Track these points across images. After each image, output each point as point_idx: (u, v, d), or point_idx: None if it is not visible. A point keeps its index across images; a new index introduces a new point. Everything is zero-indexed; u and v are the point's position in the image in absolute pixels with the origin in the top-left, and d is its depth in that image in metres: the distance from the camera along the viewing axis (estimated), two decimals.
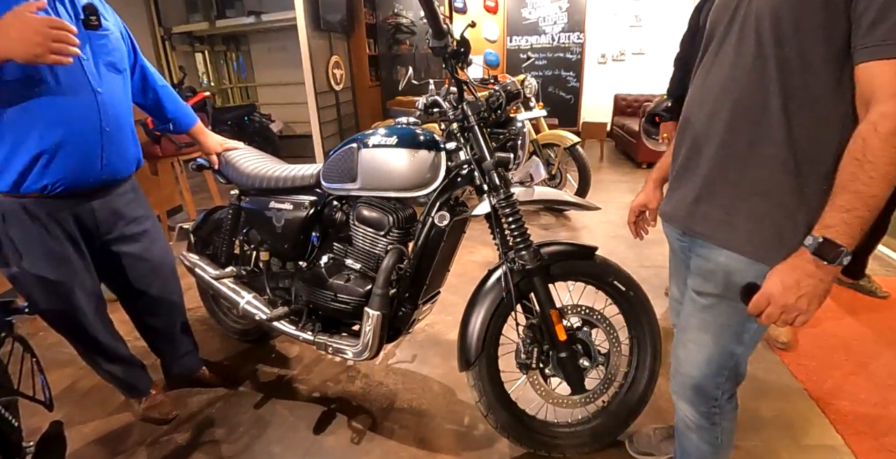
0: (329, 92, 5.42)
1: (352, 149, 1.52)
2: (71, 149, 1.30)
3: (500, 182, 1.36)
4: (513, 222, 1.36)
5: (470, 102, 1.38)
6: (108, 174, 1.41)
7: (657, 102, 2.52)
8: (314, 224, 1.68)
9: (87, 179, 1.36)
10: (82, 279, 1.47)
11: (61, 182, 1.31)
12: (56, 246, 1.39)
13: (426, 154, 1.43)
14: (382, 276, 1.45)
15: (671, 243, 1.21)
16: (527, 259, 1.36)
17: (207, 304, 2.25)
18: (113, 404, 1.84)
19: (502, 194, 1.35)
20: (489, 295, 1.43)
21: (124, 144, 1.44)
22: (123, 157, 1.45)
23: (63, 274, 1.42)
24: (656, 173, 1.29)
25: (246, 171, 1.82)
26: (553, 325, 1.39)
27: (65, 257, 1.41)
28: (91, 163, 1.35)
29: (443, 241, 1.48)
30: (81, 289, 1.47)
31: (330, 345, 1.58)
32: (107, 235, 1.50)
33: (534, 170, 1.46)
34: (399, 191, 1.47)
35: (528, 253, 1.36)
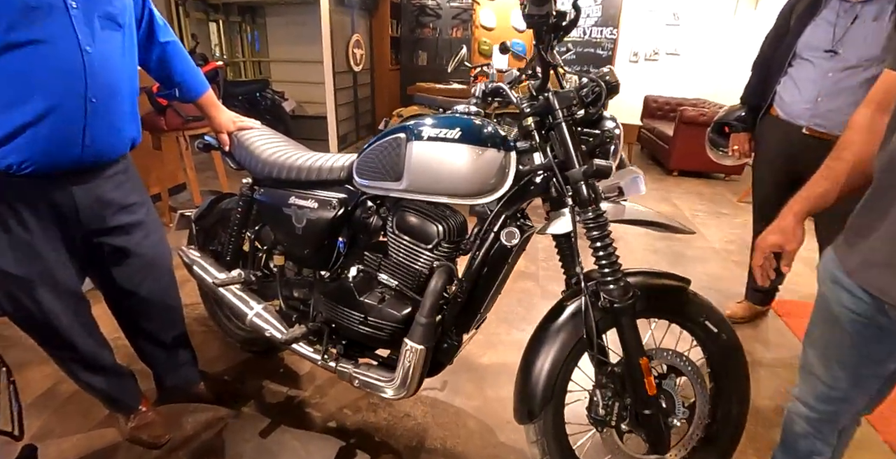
0: (347, 72, 5.10)
1: (398, 141, 1.23)
2: (44, 121, 1.02)
3: (590, 196, 1.08)
4: (601, 247, 1.09)
5: (559, 93, 1.10)
6: (91, 155, 1.14)
7: (729, 110, 2.24)
8: (342, 227, 1.40)
9: (62, 160, 1.10)
10: (54, 275, 1.21)
11: (29, 162, 1.05)
12: (22, 234, 1.14)
13: (494, 154, 1.14)
14: (429, 301, 1.17)
15: (837, 311, 0.95)
16: (616, 294, 1.09)
17: (208, 304, 1.98)
18: (97, 415, 1.58)
19: (591, 212, 1.08)
20: (561, 334, 1.16)
21: (116, 120, 1.17)
22: (113, 135, 1.18)
23: (29, 270, 1.16)
24: (801, 205, 1.02)
25: (262, 157, 1.53)
26: (642, 376, 1.13)
27: (32, 249, 1.15)
28: (69, 140, 1.08)
29: (507, 264, 1.20)
30: (52, 288, 1.21)
31: (357, 377, 1.31)
32: (90, 225, 1.24)
33: (628, 184, 1.18)
34: (455, 196, 1.18)
35: (617, 287, 1.09)
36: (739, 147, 2.14)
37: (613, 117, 1.20)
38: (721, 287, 2.56)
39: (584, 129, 1.18)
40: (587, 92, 1.12)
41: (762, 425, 1.66)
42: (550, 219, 1.19)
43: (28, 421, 1.54)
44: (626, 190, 1.21)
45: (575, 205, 1.10)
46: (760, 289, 2.31)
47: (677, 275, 1.25)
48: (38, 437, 1.50)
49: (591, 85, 1.11)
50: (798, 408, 1.12)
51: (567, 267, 1.26)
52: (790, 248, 1.03)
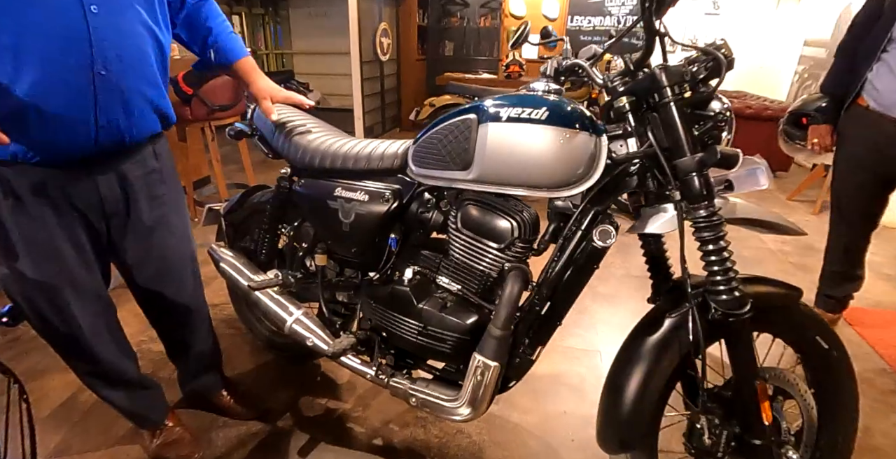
0: (373, 62, 4.93)
1: (468, 123, 1.05)
2: (42, 99, 0.86)
3: (703, 190, 0.90)
4: (715, 251, 0.92)
5: (669, 67, 0.91)
6: (109, 137, 0.97)
7: (807, 100, 2.01)
8: (395, 222, 1.24)
9: (75, 144, 0.93)
10: (77, 278, 1.06)
11: (35, 149, 0.90)
12: (40, 232, 0.99)
13: (585, 138, 0.96)
14: (505, 311, 1.00)
15: None
16: (730, 305, 0.91)
17: (237, 304, 1.83)
18: (120, 429, 1.44)
19: (703, 210, 0.90)
20: (661, 350, 0.98)
21: (136, 95, 0.99)
22: (134, 114, 1.00)
23: (49, 271, 1.02)
24: None
25: (303, 144, 1.37)
26: (756, 401, 0.96)
27: (52, 248, 1.01)
28: (78, 121, 0.91)
29: (596, 267, 1.02)
30: (74, 291, 1.07)
31: (414, 395, 1.14)
32: (113, 219, 1.09)
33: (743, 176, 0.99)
34: (535, 188, 1.01)
35: (731, 297, 0.92)
36: (820, 140, 1.91)
37: (722, 98, 1.01)
38: None
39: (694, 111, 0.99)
40: (699, 67, 0.93)
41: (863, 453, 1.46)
42: (643, 215, 1.02)
43: (46, 437, 1.41)
44: (738, 184, 1.02)
45: (683, 201, 0.92)
46: (833, 296, 2.10)
47: (790, 284, 1.07)
48: (56, 454, 1.37)
49: (705, 59, 0.93)
50: None
51: (657, 272, 1.09)
52: None
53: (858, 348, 2.01)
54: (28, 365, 1.71)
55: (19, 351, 1.78)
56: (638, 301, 2.13)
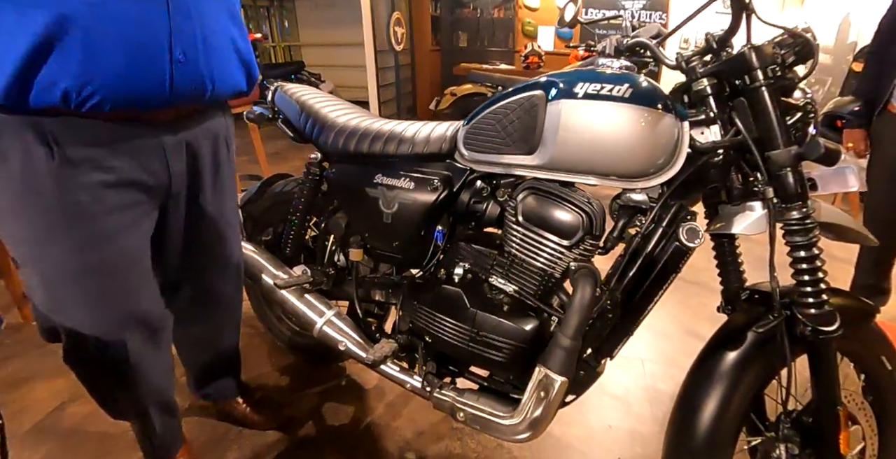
0: (388, 52, 4.79)
1: (533, 101, 0.92)
2: (99, 9, 0.67)
3: (798, 188, 0.80)
4: (807, 258, 0.82)
5: (758, 47, 0.80)
6: (186, 81, 0.78)
7: (840, 103, 1.95)
8: (443, 214, 1.10)
9: (141, 86, 0.74)
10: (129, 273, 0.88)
11: (99, 87, 0.70)
12: (89, 209, 0.79)
13: (668, 121, 0.84)
14: (577, 319, 0.87)
15: None
16: (821, 320, 0.82)
17: (255, 301, 1.70)
18: (116, 445, 1.29)
19: (797, 211, 0.79)
20: (746, 367, 0.87)
21: (219, 29, 0.82)
22: (219, 56, 0.82)
23: (91, 260, 0.82)
24: None
25: (335, 125, 1.24)
26: (838, 428, 0.87)
27: (102, 231, 0.82)
28: (147, 49, 0.72)
29: (679, 269, 0.89)
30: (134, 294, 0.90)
31: (463, 410, 1.01)
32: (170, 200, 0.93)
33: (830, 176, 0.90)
34: (607, 177, 0.88)
35: (822, 312, 0.82)
36: (855, 144, 1.84)
37: (803, 88, 0.89)
38: None
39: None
40: (787, 51, 0.83)
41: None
42: (724, 213, 0.90)
43: (24, 454, 1.26)
44: (823, 183, 0.91)
45: (775, 198, 0.80)
46: None
47: (867, 300, 1.00)
48: None
49: (792, 42, 0.83)
50: None
51: (729, 277, 0.96)
52: None
53: None
54: (8, 372, 1.56)
55: (0, 358, 1.63)
56: (681, 306, 2.00)
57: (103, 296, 0.86)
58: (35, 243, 0.79)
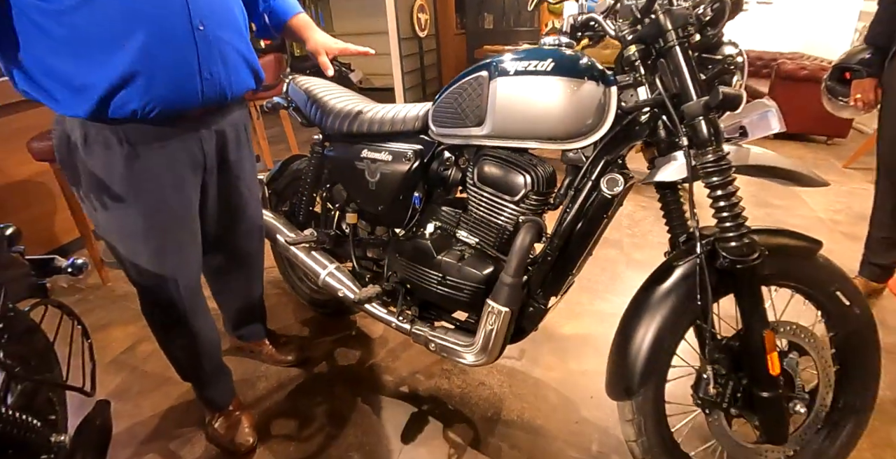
0: (412, 38, 4.96)
1: (480, 80, 1.10)
2: (154, 53, 0.95)
3: (710, 134, 0.90)
4: (723, 196, 0.92)
5: (672, 10, 0.90)
6: (213, 89, 1.05)
7: (850, 53, 1.86)
8: (418, 181, 1.30)
9: (185, 95, 1.01)
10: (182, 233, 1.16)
11: (153, 102, 0.97)
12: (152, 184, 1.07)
13: (592, 88, 0.99)
14: (516, 260, 1.05)
15: None
16: (739, 253, 0.92)
17: (281, 266, 1.97)
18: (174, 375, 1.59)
19: (711, 154, 0.90)
20: (669, 299, 1.00)
21: (230, 51, 1.07)
22: (230, 66, 1.07)
23: (157, 221, 1.10)
24: None
25: (332, 110, 1.45)
26: (764, 351, 0.95)
27: (162, 199, 1.09)
28: (186, 72, 0.99)
29: (606, 216, 1.05)
30: (178, 246, 1.15)
31: (433, 341, 1.22)
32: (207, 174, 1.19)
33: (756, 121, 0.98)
34: (545, 140, 1.04)
35: (741, 244, 0.92)
36: (863, 95, 1.79)
37: (734, 42, 0.99)
38: None
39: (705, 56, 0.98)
40: (705, 9, 0.92)
41: (880, 418, 1.42)
42: (657, 165, 1.02)
43: (107, 379, 1.60)
44: (752, 128, 1.01)
45: (691, 146, 0.92)
46: (879, 264, 2.00)
47: (807, 236, 1.04)
48: (116, 394, 1.55)
49: (710, 1, 0.91)
50: None
51: (673, 224, 1.09)
52: None
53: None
54: (92, 321, 1.92)
55: (84, 309, 1.99)
56: None
57: (162, 250, 1.13)
58: (113, 210, 1.07)
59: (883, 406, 1.48)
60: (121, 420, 1.45)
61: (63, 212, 2.30)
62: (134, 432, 1.42)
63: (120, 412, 1.48)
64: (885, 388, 1.56)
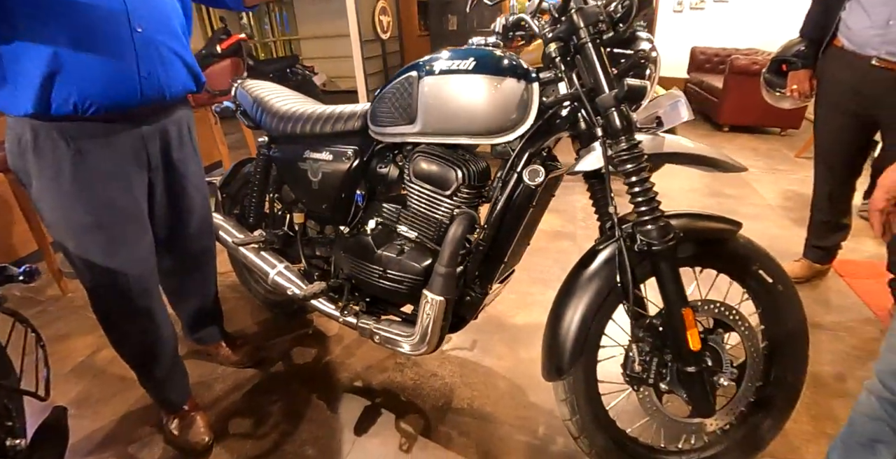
0: (375, 41, 4.99)
1: (410, 80, 1.14)
2: (92, 51, 0.99)
3: (623, 124, 0.95)
4: (636, 182, 0.97)
5: (583, 9, 0.96)
6: (152, 89, 1.09)
7: (786, 46, 1.96)
8: (359, 179, 1.33)
9: (123, 94, 1.05)
10: (129, 229, 1.17)
11: (91, 99, 1.02)
12: (98, 183, 1.10)
13: (513, 84, 1.03)
14: (448, 250, 1.09)
15: None
16: (654, 236, 0.97)
17: (237, 268, 1.98)
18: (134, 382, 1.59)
19: (624, 142, 0.95)
20: (593, 282, 1.05)
21: (169, 53, 1.12)
22: (168, 66, 1.12)
23: (105, 218, 1.12)
24: None
25: (276, 113, 1.48)
26: (684, 329, 1.01)
27: (108, 197, 1.12)
28: (124, 72, 1.04)
29: (531, 206, 1.10)
30: (125, 242, 1.17)
31: (377, 333, 1.26)
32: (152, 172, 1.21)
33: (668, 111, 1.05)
34: (472, 136, 1.09)
35: (656, 227, 0.97)
36: (799, 86, 1.89)
37: (650, 37, 1.05)
38: (778, 245, 2.36)
39: (616, 50, 1.04)
40: (616, 6, 0.98)
41: (821, 392, 1.51)
42: (580, 156, 1.07)
43: (67, 388, 1.59)
44: (666, 118, 1.07)
45: (606, 137, 0.98)
46: (821, 246, 2.10)
47: (727, 218, 1.10)
48: (76, 402, 1.55)
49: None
50: (875, 386, 0.96)
51: (600, 212, 1.14)
52: None
53: (846, 298, 2.02)
54: (52, 331, 1.90)
55: (44, 321, 1.97)
56: None
57: (111, 245, 1.15)
58: (62, 208, 1.10)
59: (823, 381, 1.57)
60: (80, 426, 1.45)
61: (21, 224, 2.27)
62: (93, 437, 1.42)
63: (80, 419, 1.48)
64: (825, 364, 1.66)
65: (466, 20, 6.00)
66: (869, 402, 0.99)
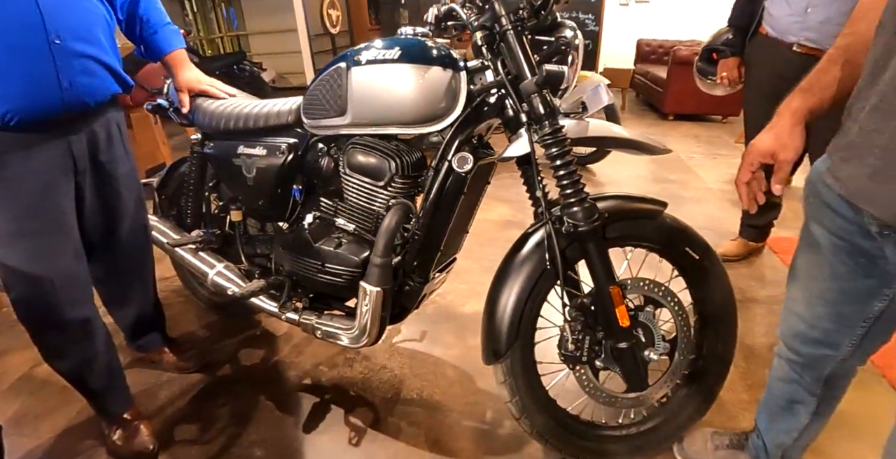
0: (324, 35, 4.91)
1: (339, 71, 1.13)
2: (9, 65, 0.97)
3: (546, 109, 0.97)
4: (561, 166, 0.99)
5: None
6: (73, 98, 1.06)
7: (716, 35, 2.05)
8: (294, 173, 1.31)
9: (44, 104, 1.03)
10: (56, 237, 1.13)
11: (12, 111, 0.99)
12: (22, 192, 1.06)
13: (440, 73, 1.04)
14: (382, 241, 1.09)
15: (818, 233, 0.83)
16: (580, 217, 1.00)
17: (181, 273, 1.92)
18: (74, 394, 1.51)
19: (548, 127, 0.97)
20: (525, 266, 1.08)
21: (91, 63, 1.09)
22: (95, 77, 1.10)
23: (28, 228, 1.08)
24: (801, 99, 0.83)
25: (209, 109, 1.44)
26: (612, 307, 1.04)
27: (33, 206, 1.08)
28: (44, 83, 1.02)
29: (463, 193, 1.11)
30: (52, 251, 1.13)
31: (319, 328, 1.25)
32: (79, 176, 1.17)
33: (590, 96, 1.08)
34: (403, 125, 1.09)
35: (581, 209, 1.00)
36: (728, 73, 1.98)
37: (573, 25, 1.08)
38: (717, 226, 2.47)
39: (540, 38, 1.06)
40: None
41: (755, 363, 1.59)
42: (509, 143, 1.09)
43: (4, 406, 1.51)
44: (589, 103, 1.10)
45: (531, 122, 1.00)
46: (755, 225, 2.21)
47: (652, 199, 1.15)
48: (14, 420, 1.47)
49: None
50: (782, 350, 1.03)
51: (533, 197, 1.16)
52: (784, 157, 0.82)
53: (780, 273, 2.14)
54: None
55: None
56: None
57: (35, 254, 1.10)
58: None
59: (758, 352, 1.66)
60: (19, 444, 1.38)
61: None
62: (33, 454, 1.35)
63: (18, 437, 1.40)
64: (759, 336, 1.75)
65: (419, 14, 5.98)
66: (780, 366, 1.05)
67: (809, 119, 0.85)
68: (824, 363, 0.95)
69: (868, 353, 0.93)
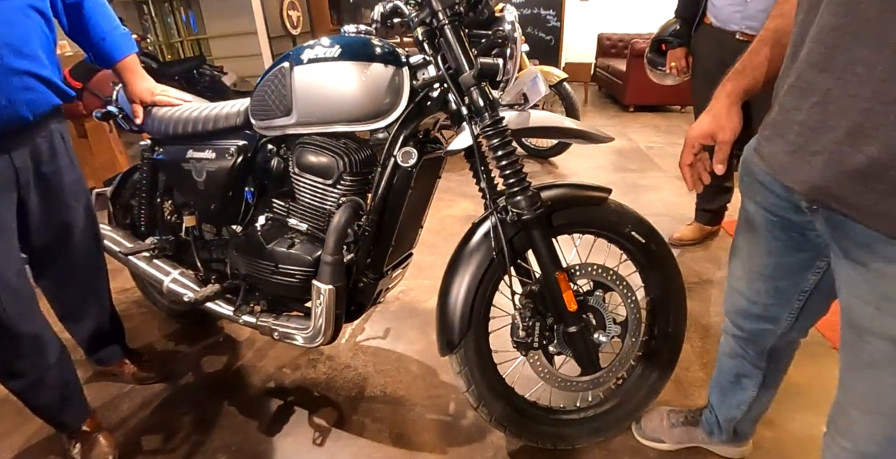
0: (285, 37, 4.85)
1: (283, 71, 1.13)
2: None
3: (485, 101, 0.99)
4: (503, 156, 1.01)
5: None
6: (13, 115, 1.04)
7: (664, 26, 2.11)
8: (245, 176, 1.31)
9: None
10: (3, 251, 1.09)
11: None
12: None
13: (382, 70, 1.05)
14: (332, 238, 1.10)
15: (752, 210, 0.86)
16: (523, 206, 1.02)
17: (139, 283, 1.88)
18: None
19: (488, 118, 0.99)
20: (475, 256, 1.10)
21: (28, 76, 1.06)
22: (35, 92, 1.07)
23: None
24: (735, 82, 0.86)
25: (157, 114, 1.42)
26: (560, 292, 1.07)
27: None
28: None
29: (410, 188, 1.12)
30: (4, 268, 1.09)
31: (276, 329, 1.25)
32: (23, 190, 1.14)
33: (530, 88, 1.10)
34: (348, 123, 1.10)
35: (524, 198, 1.02)
36: (676, 63, 2.04)
37: (513, 20, 1.10)
38: (674, 212, 2.54)
39: (477, 31, 1.08)
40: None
41: (711, 342, 1.65)
42: (454, 136, 1.11)
43: None
44: (529, 95, 1.12)
45: (472, 115, 1.02)
46: (709, 209, 2.28)
47: (597, 186, 1.18)
48: None
49: None
50: (727, 326, 1.07)
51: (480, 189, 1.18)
52: (723, 138, 0.86)
53: None
54: None
55: None
56: None
57: None
58: None
59: (714, 331, 1.71)
60: None
61: None
62: None
63: None
64: (715, 315, 1.81)
65: None
66: (727, 342, 1.09)
67: (745, 99, 0.88)
68: (766, 337, 0.99)
69: (807, 326, 0.97)
